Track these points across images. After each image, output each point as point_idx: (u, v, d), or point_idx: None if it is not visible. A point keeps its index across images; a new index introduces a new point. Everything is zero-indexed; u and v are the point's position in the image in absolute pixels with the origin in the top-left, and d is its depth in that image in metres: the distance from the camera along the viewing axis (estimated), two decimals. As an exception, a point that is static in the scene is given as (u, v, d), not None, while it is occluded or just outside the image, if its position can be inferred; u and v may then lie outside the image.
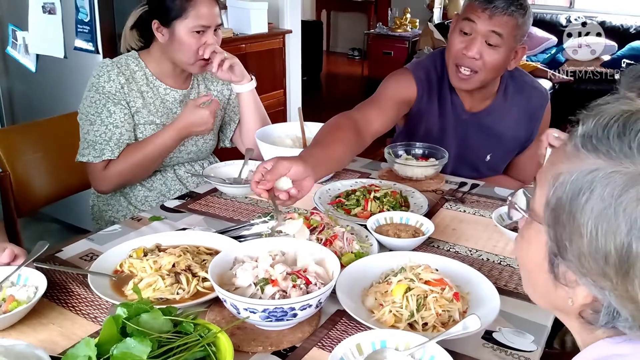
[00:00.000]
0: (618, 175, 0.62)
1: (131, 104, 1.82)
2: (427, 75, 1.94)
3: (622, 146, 0.63)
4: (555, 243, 0.68)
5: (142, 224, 1.56)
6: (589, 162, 0.65)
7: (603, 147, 0.64)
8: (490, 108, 1.97)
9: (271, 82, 3.79)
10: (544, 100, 2.02)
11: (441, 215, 1.63)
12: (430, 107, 1.95)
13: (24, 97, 3.52)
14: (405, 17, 6.79)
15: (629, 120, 0.65)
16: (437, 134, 1.98)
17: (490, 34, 1.74)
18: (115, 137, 1.79)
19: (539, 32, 6.04)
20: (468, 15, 1.76)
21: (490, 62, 1.77)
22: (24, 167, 1.93)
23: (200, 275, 1.22)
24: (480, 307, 1.12)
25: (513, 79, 1.99)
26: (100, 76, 1.80)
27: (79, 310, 1.16)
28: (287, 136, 1.99)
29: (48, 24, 3.14)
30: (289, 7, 3.99)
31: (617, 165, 0.63)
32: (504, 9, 1.71)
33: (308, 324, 1.12)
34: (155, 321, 0.92)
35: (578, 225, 0.64)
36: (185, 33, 1.79)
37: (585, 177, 0.64)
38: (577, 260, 0.65)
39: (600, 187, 0.63)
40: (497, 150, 2.03)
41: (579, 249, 0.65)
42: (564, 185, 0.66)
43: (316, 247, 1.23)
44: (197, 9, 1.78)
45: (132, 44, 1.94)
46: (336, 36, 9.79)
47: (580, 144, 0.67)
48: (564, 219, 0.66)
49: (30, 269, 1.20)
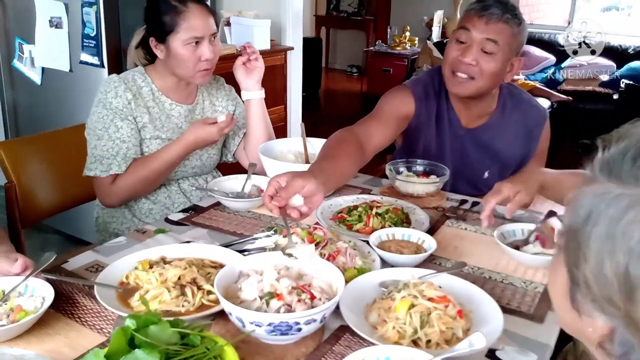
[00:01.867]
0: (623, 197, 0.61)
1: (138, 119, 1.84)
2: (425, 90, 1.97)
3: (632, 169, 0.62)
4: (568, 269, 0.67)
5: (147, 237, 1.57)
6: (602, 185, 0.64)
7: (615, 171, 0.63)
8: (487, 124, 1.99)
9: (272, 98, 3.81)
10: (542, 119, 2.04)
11: (443, 233, 1.65)
12: (428, 122, 1.98)
13: (29, 110, 3.55)
14: (405, 35, 6.85)
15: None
16: (436, 150, 2.01)
17: (486, 42, 1.78)
18: (122, 151, 1.81)
19: (537, 52, 6.10)
20: (464, 24, 1.81)
21: (486, 69, 1.80)
22: (29, 178, 1.94)
23: (205, 288, 1.23)
24: (483, 325, 1.13)
25: (511, 96, 2.02)
26: (108, 92, 1.82)
27: (85, 321, 1.17)
28: (289, 151, 2.01)
29: (54, 37, 3.17)
30: (291, 24, 4.03)
31: (625, 188, 0.62)
32: (499, 16, 1.76)
33: (312, 339, 1.13)
34: (163, 333, 0.93)
35: (584, 249, 0.63)
36: (180, 46, 1.80)
37: (594, 200, 0.63)
38: (585, 286, 0.64)
39: (605, 210, 0.62)
40: (495, 168, 2.04)
41: (585, 275, 0.63)
42: (577, 210, 0.65)
43: (320, 262, 1.24)
44: (188, 22, 1.79)
45: (137, 61, 1.98)
46: (335, 53, 9.87)
47: (598, 168, 0.66)
48: (573, 243, 0.65)
49: (38, 279, 1.21)
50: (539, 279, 1.39)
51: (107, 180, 1.83)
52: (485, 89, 1.87)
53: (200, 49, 1.82)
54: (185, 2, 1.80)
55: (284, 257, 1.22)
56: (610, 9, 7.07)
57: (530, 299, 1.31)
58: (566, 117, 5.38)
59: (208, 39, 1.83)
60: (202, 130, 1.83)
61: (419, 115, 1.96)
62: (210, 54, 1.83)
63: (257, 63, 1.99)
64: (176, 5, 1.79)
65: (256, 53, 1.99)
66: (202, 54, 1.82)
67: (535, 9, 7.66)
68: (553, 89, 5.64)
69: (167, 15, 1.79)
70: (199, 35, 1.80)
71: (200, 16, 1.81)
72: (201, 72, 1.85)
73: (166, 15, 1.79)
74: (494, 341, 1.08)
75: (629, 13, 7.22)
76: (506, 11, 1.77)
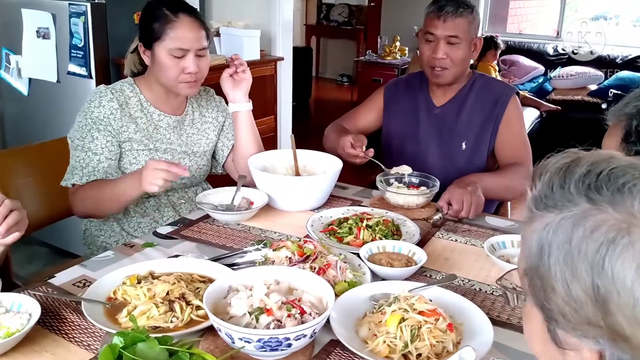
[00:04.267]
0: (565, 221, 0.63)
1: (122, 129, 1.82)
2: (395, 84, 2.35)
3: (564, 194, 0.65)
4: (541, 308, 0.67)
5: (134, 251, 1.56)
6: (543, 219, 0.66)
7: (551, 202, 0.66)
8: (456, 97, 2.19)
9: (262, 109, 3.80)
10: (509, 90, 2.20)
11: (433, 244, 1.65)
12: (398, 107, 2.28)
13: (15, 121, 3.52)
14: (395, 45, 6.87)
15: (568, 170, 0.66)
16: (411, 129, 2.24)
17: (448, 38, 2.04)
18: (92, 164, 1.79)
19: (526, 62, 6.14)
20: (427, 29, 2.09)
21: (456, 58, 2.07)
22: (15, 190, 1.92)
23: (194, 304, 1.22)
24: (473, 338, 1.13)
25: (482, 77, 2.25)
26: (92, 101, 1.81)
27: (72, 337, 1.16)
28: (279, 163, 2.01)
29: (42, 48, 3.15)
30: (281, 34, 4.03)
31: (564, 212, 0.64)
32: (454, 13, 2.03)
33: (302, 354, 1.12)
34: (151, 350, 0.92)
35: (549, 282, 0.64)
36: (164, 55, 1.78)
37: (541, 234, 0.65)
38: (562, 318, 0.64)
39: (555, 238, 0.63)
40: (470, 137, 2.16)
41: (558, 305, 0.64)
42: (529, 249, 0.67)
43: (310, 276, 1.23)
44: (175, 31, 1.77)
45: (132, 67, 1.97)
46: (325, 62, 9.90)
47: (533, 206, 0.68)
48: (537, 281, 0.66)
49: (24, 295, 1.20)
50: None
51: (71, 189, 1.83)
52: (460, 73, 2.14)
53: (184, 61, 1.79)
54: (177, 12, 1.78)
55: None
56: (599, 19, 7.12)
57: (521, 311, 1.30)
58: (555, 127, 5.41)
59: (194, 52, 1.80)
60: (146, 168, 1.62)
61: (388, 102, 2.31)
62: (194, 68, 1.80)
63: (244, 75, 1.98)
64: (167, 14, 1.78)
65: (244, 65, 1.98)
66: (186, 66, 1.79)
67: (525, 19, 7.73)
68: (542, 99, 5.68)
69: (157, 22, 1.78)
70: (185, 47, 1.78)
71: (190, 28, 1.79)
72: (184, 83, 1.82)
73: (156, 22, 1.78)
74: (484, 354, 1.08)
75: (617, 23, 7.29)
76: (458, 6, 2.03)
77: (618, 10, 7.24)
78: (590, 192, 0.63)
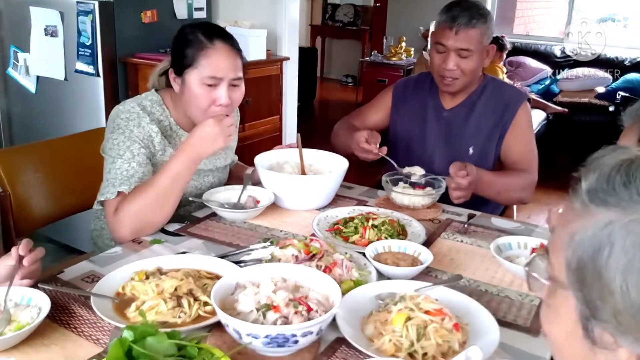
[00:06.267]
0: (635, 224, 0.61)
1: (158, 153, 1.75)
2: (404, 84, 2.32)
3: (631, 195, 0.62)
4: (586, 305, 0.65)
5: (142, 247, 1.57)
6: (601, 216, 0.63)
7: (612, 199, 0.63)
8: (466, 101, 2.15)
9: (268, 108, 3.82)
10: (520, 95, 2.18)
11: (439, 245, 1.65)
12: (405, 107, 2.24)
13: (22, 118, 3.54)
14: (401, 46, 6.87)
15: (631, 168, 0.64)
16: (418, 132, 2.21)
17: (460, 50, 1.98)
18: (137, 175, 1.66)
19: (533, 63, 6.12)
20: (438, 39, 2.01)
21: (466, 69, 2.02)
22: (24, 187, 1.94)
23: (201, 300, 1.23)
24: (479, 338, 1.14)
25: (494, 81, 2.22)
26: (130, 120, 1.70)
27: (81, 331, 1.17)
28: (285, 162, 2.01)
29: (50, 46, 3.17)
30: (287, 34, 4.03)
31: (632, 214, 0.61)
32: (467, 24, 1.94)
33: (308, 351, 1.13)
34: (160, 345, 0.93)
35: (606, 282, 0.61)
36: (195, 84, 1.68)
37: (602, 232, 0.62)
38: (614, 319, 0.62)
39: (620, 239, 0.61)
40: (478, 142, 2.12)
41: (613, 307, 0.61)
42: (582, 244, 0.64)
43: (317, 274, 1.24)
44: (209, 59, 1.67)
45: (156, 85, 1.88)
46: (330, 63, 9.90)
47: (587, 199, 0.66)
48: (589, 278, 0.63)
49: (34, 289, 1.21)
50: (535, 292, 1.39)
51: (111, 208, 1.63)
52: (470, 81, 2.09)
53: (216, 92, 1.68)
54: (212, 38, 1.68)
55: None
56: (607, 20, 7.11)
57: (527, 312, 1.31)
58: (562, 129, 5.40)
59: (228, 82, 1.69)
60: (199, 129, 1.64)
61: (397, 102, 2.28)
62: (226, 100, 1.69)
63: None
64: (202, 40, 1.67)
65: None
66: (218, 97, 1.69)
67: (532, 20, 7.72)
68: (549, 101, 5.65)
69: (191, 48, 1.67)
70: (219, 75, 1.67)
71: (226, 57, 1.68)
72: None
73: (190, 48, 1.68)
74: (490, 354, 1.08)
75: (625, 25, 7.27)
76: (472, 17, 1.94)
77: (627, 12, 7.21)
78: None
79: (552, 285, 0.72)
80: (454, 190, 1.80)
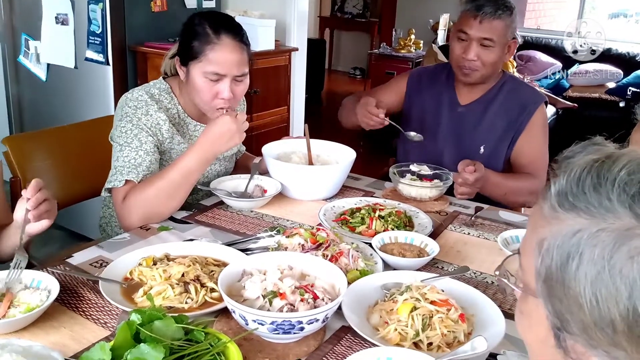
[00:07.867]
0: (605, 234, 0.57)
1: (167, 141, 1.77)
2: (419, 73, 2.27)
3: (600, 200, 0.58)
4: (557, 317, 0.61)
5: (150, 234, 1.58)
6: (570, 222, 0.59)
7: (581, 204, 0.59)
8: (482, 98, 2.12)
9: (275, 99, 3.82)
10: (537, 97, 2.15)
11: (445, 237, 1.66)
12: (420, 97, 2.20)
13: (33, 106, 3.56)
14: (410, 38, 6.83)
15: (602, 169, 0.60)
16: (430, 122, 2.17)
17: (483, 40, 1.95)
18: (145, 163, 1.67)
19: (543, 57, 6.09)
20: (461, 27, 1.98)
21: (487, 60, 1.99)
22: (34, 173, 1.95)
23: (208, 286, 1.24)
24: (485, 329, 1.14)
25: (513, 79, 2.19)
26: (138, 108, 1.71)
27: (89, 315, 1.18)
28: (293, 152, 2.02)
29: (60, 34, 3.19)
30: (296, 24, 4.03)
31: (601, 222, 0.57)
32: (492, 14, 1.92)
33: (313, 339, 1.14)
34: (168, 328, 0.94)
35: (575, 295, 0.58)
36: (199, 77, 1.68)
37: (570, 241, 0.59)
38: (584, 333, 0.59)
39: (588, 250, 0.57)
40: (490, 141, 2.09)
41: (582, 321, 0.58)
42: (550, 253, 0.60)
43: (323, 263, 1.25)
44: (214, 54, 1.66)
45: (168, 71, 1.88)
46: (338, 55, 9.87)
47: (556, 203, 0.61)
48: (558, 291, 0.60)
49: (44, 272, 1.22)
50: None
51: (119, 196, 1.65)
52: (489, 75, 2.06)
53: (219, 86, 1.69)
54: (219, 32, 1.66)
55: None
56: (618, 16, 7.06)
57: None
58: (571, 124, 5.36)
59: (231, 78, 1.69)
60: (215, 123, 1.63)
61: (411, 91, 2.24)
62: (228, 94, 1.69)
63: None
64: (209, 34, 1.66)
65: None
66: (220, 91, 1.69)
67: (542, 14, 7.66)
68: (559, 96, 5.61)
69: (197, 41, 1.67)
70: (222, 72, 1.67)
71: (231, 51, 1.67)
72: (218, 109, 1.71)
73: (196, 41, 1.67)
74: (496, 345, 1.09)
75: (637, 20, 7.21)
76: (497, 8, 1.92)
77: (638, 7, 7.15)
78: (635, 205, 0.57)
79: (523, 292, 0.69)
80: (459, 185, 1.80)
